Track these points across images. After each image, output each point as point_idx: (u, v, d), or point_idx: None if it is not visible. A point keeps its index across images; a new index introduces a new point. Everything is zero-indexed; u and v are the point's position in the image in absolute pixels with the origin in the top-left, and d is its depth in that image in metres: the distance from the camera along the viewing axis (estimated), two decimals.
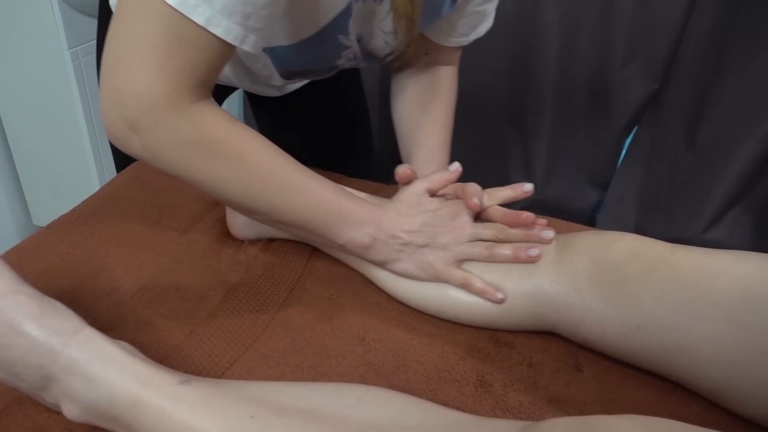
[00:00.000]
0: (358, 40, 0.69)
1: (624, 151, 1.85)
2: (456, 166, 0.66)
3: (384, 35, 0.70)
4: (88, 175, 1.58)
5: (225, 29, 0.49)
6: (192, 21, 0.48)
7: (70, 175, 1.61)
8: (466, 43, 0.81)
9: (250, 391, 0.46)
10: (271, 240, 0.72)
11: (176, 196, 0.78)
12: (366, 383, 0.54)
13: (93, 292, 0.63)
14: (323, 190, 0.60)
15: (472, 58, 1.81)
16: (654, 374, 0.56)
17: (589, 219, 1.93)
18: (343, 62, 0.73)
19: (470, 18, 0.77)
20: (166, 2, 0.47)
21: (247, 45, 0.52)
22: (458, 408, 0.53)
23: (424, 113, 0.83)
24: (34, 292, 0.48)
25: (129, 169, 0.83)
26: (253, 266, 0.67)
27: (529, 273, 0.59)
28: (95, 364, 0.44)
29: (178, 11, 0.47)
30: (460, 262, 0.61)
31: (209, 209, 0.76)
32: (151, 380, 0.44)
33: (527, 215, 0.62)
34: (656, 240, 0.57)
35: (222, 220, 0.73)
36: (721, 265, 0.52)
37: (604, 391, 0.55)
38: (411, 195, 0.64)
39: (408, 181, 0.66)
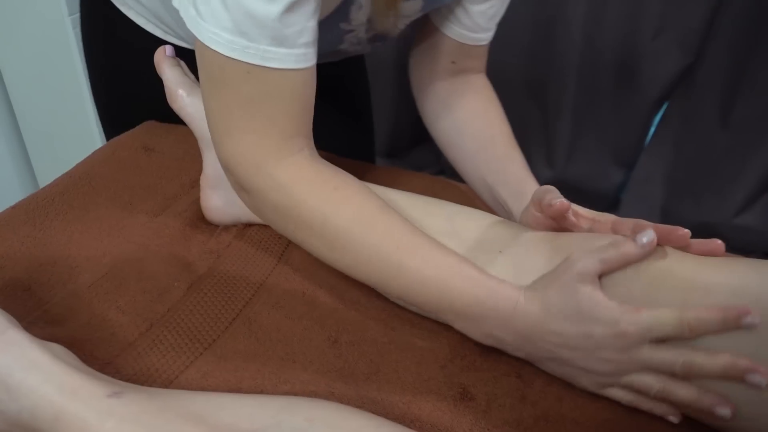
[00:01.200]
0: (368, 21, 0.62)
1: (652, 129, 1.74)
2: (650, 237, 0.45)
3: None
4: (93, 142, 1.56)
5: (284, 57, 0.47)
6: (265, 67, 0.47)
7: (75, 143, 1.59)
8: (490, 39, 0.74)
9: (189, 407, 0.41)
10: (249, 225, 0.66)
11: (152, 176, 0.73)
12: (332, 393, 0.49)
13: (49, 280, 0.58)
14: (427, 267, 0.48)
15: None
16: None
17: (613, 200, 1.83)
18: (346, 47, 0.67)
19: (488, 5, 0.69)
20: (236, 59, 0.46)
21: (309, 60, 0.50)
22: (433, 425, 0.47)
23: (490, 131, 0.71)
24: None
25: (107, 145, 0.78)
26: (225, 255, 0.62)
27: (518, 276, 0.52)
28: (17, 372, 0.40)
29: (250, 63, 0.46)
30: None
31: (185, 190, 0.71)
32: (77, 391, 0.40)
33: (684, 232, 0.47)
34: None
35: (198, 203, 0.68)
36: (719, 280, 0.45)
37: (600, 410, 0.49)
38: (572, 287, 0.45)
39: (561, 219, 0.53)
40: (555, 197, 0.52)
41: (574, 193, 1.80)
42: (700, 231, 0.48)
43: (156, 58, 0.65)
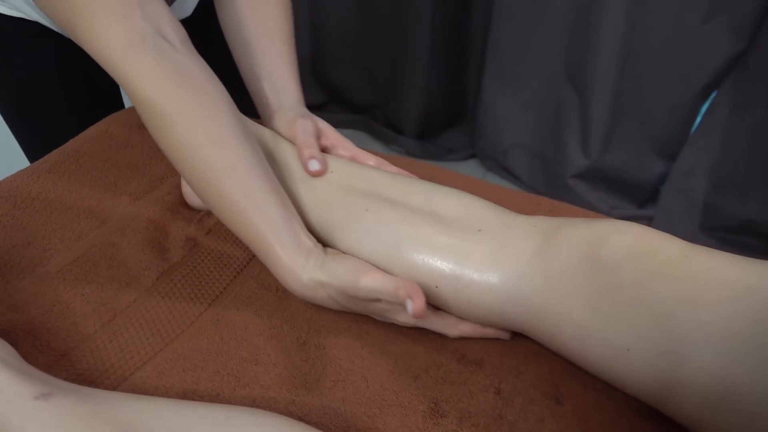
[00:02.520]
0: None
1: (699, 119, 1.64)
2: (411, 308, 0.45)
3: None
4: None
5: None
6: None
7: None
8: None
9: (121, 414, 0.38)
10: None
11: (141, 156, 0.70)
12: (293, 401, 0.45)
13: (19, 263, 0.56)
14: (240, 193, 0.49)
15: (531, 6, 1.64)
16: (649, 407, 0.44)
17: (652, 192, 1.74)
18: None
19: None
20: None
21: None
22: None
23: (267, 24, 0.69)
24: None
25: (102, 122, 0.76)
26: (202, 244, 0.59)
27: (496, 260, 0.47)
28: None
29: None
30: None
31: (174, 172, 0.68)
32: (2, 391, 0.37)
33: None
34: (671, 237, 0.44)
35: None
36: (751, 282, 0.39)
37: None
38: (348, 281, 0.48)
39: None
40: (309, 156, 0.57)
41: (610, 182, 1.74)
42: (744, 228, 0.43)
43: None
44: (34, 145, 0.81)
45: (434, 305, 0.50)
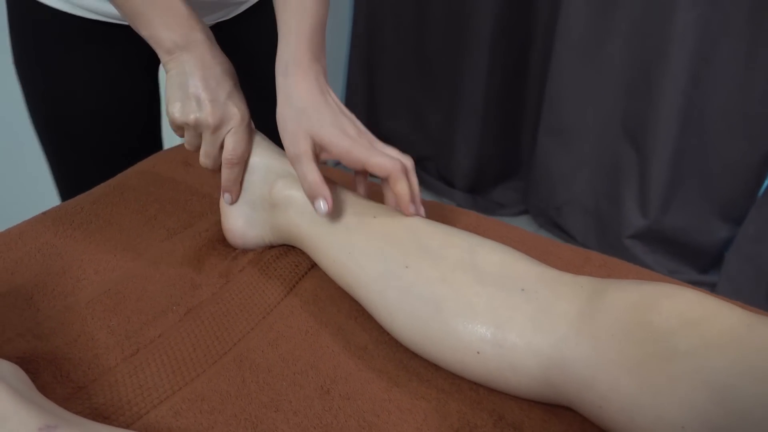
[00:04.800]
0: None
1: (766, 181, 1.56)
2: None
3: None
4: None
5: None
6: None
7: None
8: None
9: None
10: (269, 249, 0.62)
11: (183, 192, 0.70)
12: None
13: (53, 291, 0.56)
14: None
15: (589, 59, 1.62)
16: None
17: (716, 257, 1.65)
18: None
19: None
20: None
21: None
22: None
23: None
24: None
25: (149, 158, 0.77)
26: (234, 281, 0.58)
27: (539, 322, 0.44)
28: None
29: None
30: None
31: (213, 209, 0.67)
32: (8, 419, 0.36)
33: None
34: (730, 304, 0.40)
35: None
36: None
37: None
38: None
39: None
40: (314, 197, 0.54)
41: (669, 244, 1.66)
42: None
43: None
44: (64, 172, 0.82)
45: (477, 374, 0.47)
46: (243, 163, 0.59)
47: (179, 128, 0.58)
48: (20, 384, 0.40)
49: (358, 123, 0.57)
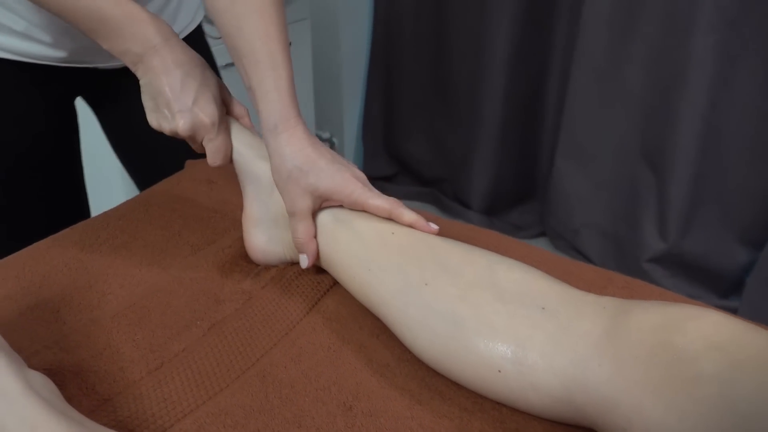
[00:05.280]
0: None
1: None
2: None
3: None
4: None
5: None
6: None
7: None
8: None
9: None
10: (291, 265, 0.62)
11: (207, 209, 0.71)
12: None
13: (79, 304, 0.57)
14: None
15: (607, 84, 1.62)
16: None
17: (736, 282, 1.63)
18: None
19: None
20: None
21: None
22: None
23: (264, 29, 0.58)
24: None
25: (173, 176, 0.78)
26: (257, 297, 0.58)
27: (560, 341, 0.43)
28: None
29: None
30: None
31: (236, 225, 0.68)
32: (37, 429, 0.36)
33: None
34: (756, 327, 0.40)
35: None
36: None
37: None
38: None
39: None
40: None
41: (689, 269, 1.64)
42: None
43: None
44: None
45: (499, 393, 0.46)
46: (228, 161, 0.61)
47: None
48: (51, 395, 0.40)
49: (352, 165, 0.59)
